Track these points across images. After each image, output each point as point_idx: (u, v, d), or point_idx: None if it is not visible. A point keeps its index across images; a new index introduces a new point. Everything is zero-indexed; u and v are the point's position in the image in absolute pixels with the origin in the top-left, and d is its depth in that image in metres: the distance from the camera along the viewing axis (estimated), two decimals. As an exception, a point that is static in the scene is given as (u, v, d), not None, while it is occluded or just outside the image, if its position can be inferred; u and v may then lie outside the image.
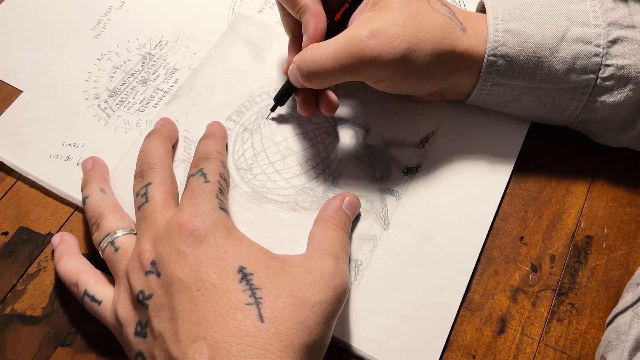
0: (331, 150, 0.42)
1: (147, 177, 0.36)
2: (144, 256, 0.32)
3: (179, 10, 0.48)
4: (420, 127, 0.42)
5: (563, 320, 0.37)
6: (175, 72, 0.45)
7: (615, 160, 0.42)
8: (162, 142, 0.39)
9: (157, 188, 0.35)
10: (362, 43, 0.34)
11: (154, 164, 0.37)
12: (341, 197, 0.38)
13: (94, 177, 0.39)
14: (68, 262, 0.36)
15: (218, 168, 0.36)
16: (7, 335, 0.36)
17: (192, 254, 0.30)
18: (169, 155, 0.39)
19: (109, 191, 0.38)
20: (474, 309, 0.37)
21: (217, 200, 0.33)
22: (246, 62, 0.45)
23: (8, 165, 0.41)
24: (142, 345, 0.30)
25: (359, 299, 0.37)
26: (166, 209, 0.34)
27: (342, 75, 0.36)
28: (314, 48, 0.36)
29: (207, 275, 0.30)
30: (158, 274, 0.31)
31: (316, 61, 0.35)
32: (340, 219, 0.36)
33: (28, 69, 0.45)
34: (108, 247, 0.35)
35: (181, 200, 0.34)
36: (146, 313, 0.30)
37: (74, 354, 0.36)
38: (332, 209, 0.37)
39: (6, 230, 0.40)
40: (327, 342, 0.31)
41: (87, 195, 0.37)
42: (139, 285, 0.31)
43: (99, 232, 0.35)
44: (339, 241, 0.35)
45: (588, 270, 0.38)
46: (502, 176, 0.41)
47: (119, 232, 0.35)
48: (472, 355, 0.36)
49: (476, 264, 0.38)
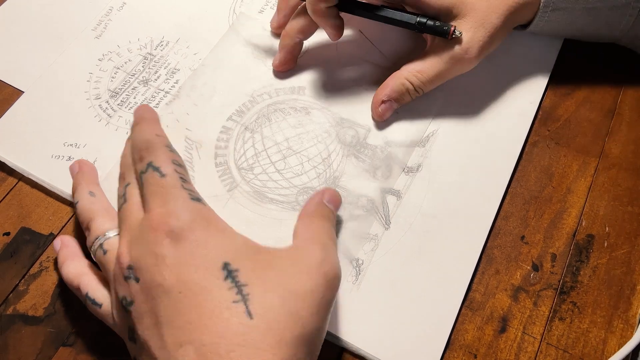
0: (332, 149, 0.42)
1: (127, 178, 0.35)
2: (120, 260, 0.30)
3: (180, 10, 0.48)
4: (421, 127, 0.42)
5: (565, 319, 0.37)
6: (176, 72, 0.45)
7: (615, 159, 0.42)
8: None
9: (135, 187, 0.34)
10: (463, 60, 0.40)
11: (130, 165, 0.35)
12: (321, 192, 0.36)
13: (83, 180, 0.38)
14: (70, 266, 0.36)
15: (167, 156, 0.33)
16: (9, 335, 0.36)
17: (170, 255, 0.29)
18: None
19: (98, 193, 0.37)
20: (475, 308, 0.37)
21: (185, 192, 0.31)
22: (247, 63, 0.45)
23: (9, 166, 0.41)
24: (134, 351, 0.30)
25: (361, 299, 0.37)
26: (142, 210, 0.32)
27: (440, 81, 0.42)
28: (418, 74, 0.41)
29: (189, 276, 0.28)
30: (137, 279, 0.29)
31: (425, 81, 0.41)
32: (323, 212, 0.35)
33: (29, 69, 0.45)
34: (98, 250, 0.34)
35: (145, 201, 0.32)
36: (131, 319, 0.29)
37: (76, 354, 0.36)
38: (313, 204, 0.36)
39: (8, 230, 0.40)
40: (322, 335, 0.30)
41: (77, 200, 0.37)
42: (121, 291, 0.30)
43: (89, 236, 0.35)
44: (324, 230, 0.34)
45: (590, 269, 0.38)
46: (502, 175, 0.41)
47: (108, 234, 0.34)
48: (474, 354, 0.36)
49: (477, 263, 0.38)
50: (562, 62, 0.45)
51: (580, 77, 0.45)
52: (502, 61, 0.45)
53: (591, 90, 0.45)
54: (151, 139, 0.34)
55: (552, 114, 0.44)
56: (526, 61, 0.45)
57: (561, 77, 0.45)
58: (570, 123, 0.43)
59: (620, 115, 0.44)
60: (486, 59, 0.42)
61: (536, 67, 0.45)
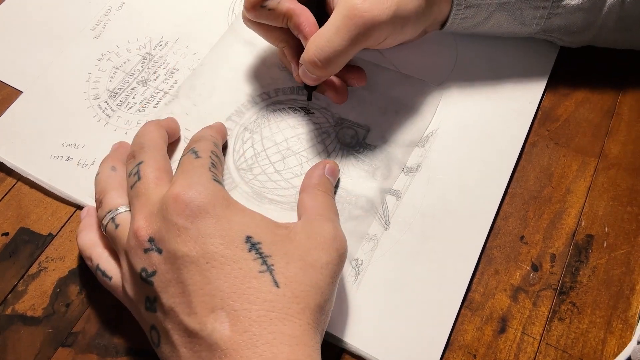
0: (331, 150, 0.42)
1: (139, 157, 0.36)
2: (140, 233, 0.31)
3: (179, 10, 0.48)
4: (420, 127, 0.42)
5: (564, 320, 0.37)
6: (175, 72, 0.45)
7: (614, 159, 0.42)
8: (156, 127, 0.39)
9: (149, 166, 0.35)
10: (359, 11, 0.35)
11: (144, 144, 0.37)
12: (322, 164, 0.39)
13: (112, 156, 0.39)
14: (87, 235, 0.36)
15: (210, 146, 0.36)
16: (7, 336, 0.36)
17: (192, 227, 0.30)
18: (162, 139, 0.39)
19: (120, 169, 0.38)
20: (474, 309, 0.37)
21: (210, 173, 0.33)
22: (246, 63, 0.45)
23: (8, 166, 0.41)
24: (153, 319, 0.31)
25: (360, 299, 0.37)
26: (159, 186, 0.34)
27: (352, 48, 0.37)
28: (315, 38, 0.37)
29: (214, 247, 0.30)
30: (159, 250, 0.30)
31: (323, 47, 0.36)
32: (326, 185, 0.37)
33: (28, 69, 0.45)
34: (109, 223, 0.34)
35: (174, 178, 0.34)
36: (152, 289, 0.30)
37: (75, 355, 0.36)
38: (316, 176, 0.38)
39: (7, 230, 0.40)
40: (332, 303, 0.32)
41: (98, 172, 0.38)
42: (140, 263, 0.31)
43: (101, 209, 0.35)
44: (330, 206, 0.36)
45: (589, 269, 0.38)
46: (502, 175, 0.41)
47: (120, 209, 0.35)
48: (473, 354, 0.36)
49: (477, 263, 0.38)
50: (561, 62, 0.45)
51: (579, 77, 0.45)
52: (501, 61, 0.45)
53: (590, 90, 0.45)
54: (205, 135, 0.38)
55: (551, 114, 0.44)
56: (525, 61, 0.45)
57: (560, 77, 0.45)
58: (569, 123, 0.43)
59: (620, 115, 0.44)
60: (486, 59, 0.42)
61: (535, 67, 0.45)
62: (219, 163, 0.36)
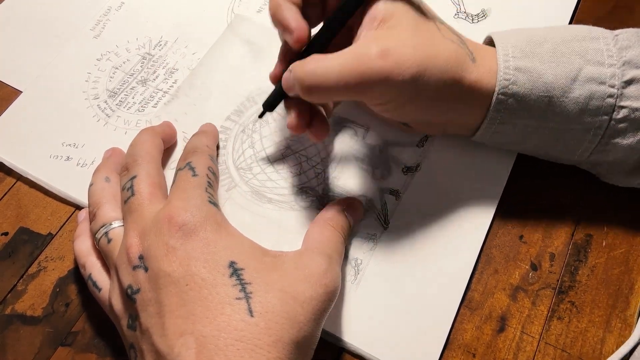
0: (331, 149, 0.42)
1: (132, 170, 0.36)
2: (131, 250, 0.31)
3: (178, 10, 0.48)
4: (419, 126, 0.42)
5: (563, 319, 0.37)
6: (174, 72, 0.45)
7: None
8: (151, 135, 0.39)
9: (143, 181, 0.35)
10: (372, 61, 0.31)
11: (138, 157, 0.36)
12: (344, 201, 0.38)
13: (105, 166, 0.39)
14: (83, 243, 0.36)
15: (206, 162, 0.36)
16: (7, 335, 0.36)
17: (181, 248, 0.30)
18: (157, 149, 0.38)
19: (113, 180, 0.37)
20: (474, 308, 0.37)
21: (207, 194, 0.33)
22: (245, 62, 0.45)
23: (8, 166, 0.41)
24: (133, 338, 0.30)
25: (359, 298, 0.37)
26: (153, 202, 0.33)
27: (345, 93, 0.33)
28: (318, 60, 0.32)
29: (197, 270, 0.29)
30: (146, 269, 0.30)
31: (319, 74, 0.32)
32: (338, 222, 0.36)
33: (27, 69, 0.45)
34: (102, 238, 0.34)
35: (170, 194, 0.34)
36: (135, 307, 0.30)
37: (75, 354, 0.36)
38: (332, 211, 0.37)
39: (6, 230, 0.40)
40: (316, 340, 0.31)
41: (91, 183, 0.38)
42: (127, 280, 0.31)
43: (95, 222, 0.35)
44: (333, 242, 0.35)
45: (588, 268, 0.38)
46: (501, 175, 0.41)
47: (114, 224, 0.34)
48: (472, 353, 0.36)
49: (476, 262, 0.38)
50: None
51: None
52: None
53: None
54: (200, 146, 0.37)
55: (550, 114, 0.44)
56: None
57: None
58: (568, 123, 0.43)
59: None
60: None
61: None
62: (215, 181, 0.36)
